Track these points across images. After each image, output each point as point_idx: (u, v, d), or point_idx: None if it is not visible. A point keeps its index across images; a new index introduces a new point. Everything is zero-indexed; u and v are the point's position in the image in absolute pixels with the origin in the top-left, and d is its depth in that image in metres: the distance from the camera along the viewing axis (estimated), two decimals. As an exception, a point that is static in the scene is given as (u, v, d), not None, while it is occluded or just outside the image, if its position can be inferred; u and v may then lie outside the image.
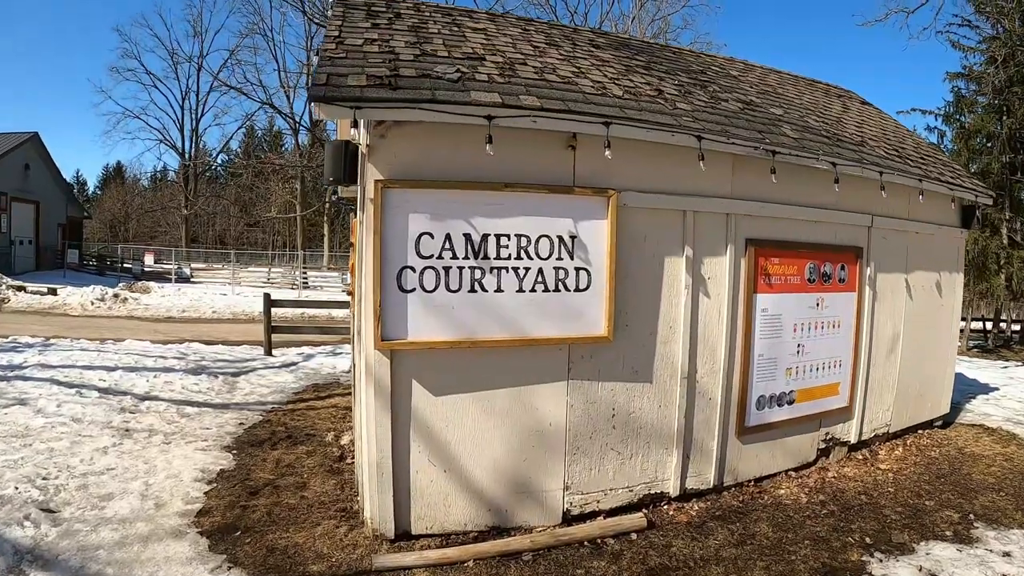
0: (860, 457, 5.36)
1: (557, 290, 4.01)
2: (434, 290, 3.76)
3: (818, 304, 4.88)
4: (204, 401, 7.10)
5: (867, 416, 5.50)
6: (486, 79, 3.92)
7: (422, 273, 3.74)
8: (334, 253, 38.15)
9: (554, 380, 4.10)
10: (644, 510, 4.36)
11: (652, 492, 4.45)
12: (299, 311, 13.89)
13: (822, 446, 5.20)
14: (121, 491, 4.41)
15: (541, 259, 3.96)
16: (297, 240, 38.14)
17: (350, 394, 7.55)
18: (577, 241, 4.03)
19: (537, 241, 3.95)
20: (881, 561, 3.78)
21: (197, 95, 42.92)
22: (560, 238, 4.00)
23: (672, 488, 4.49)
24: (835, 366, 5.09)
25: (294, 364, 8.79)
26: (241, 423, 6.35)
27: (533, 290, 3.95)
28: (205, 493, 4.53)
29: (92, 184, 68.70)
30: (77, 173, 66.90)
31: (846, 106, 6.66)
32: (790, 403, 4.85)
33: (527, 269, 3.93)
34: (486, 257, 3.85)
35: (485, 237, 3.84)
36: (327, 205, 36.77)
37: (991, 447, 5.78)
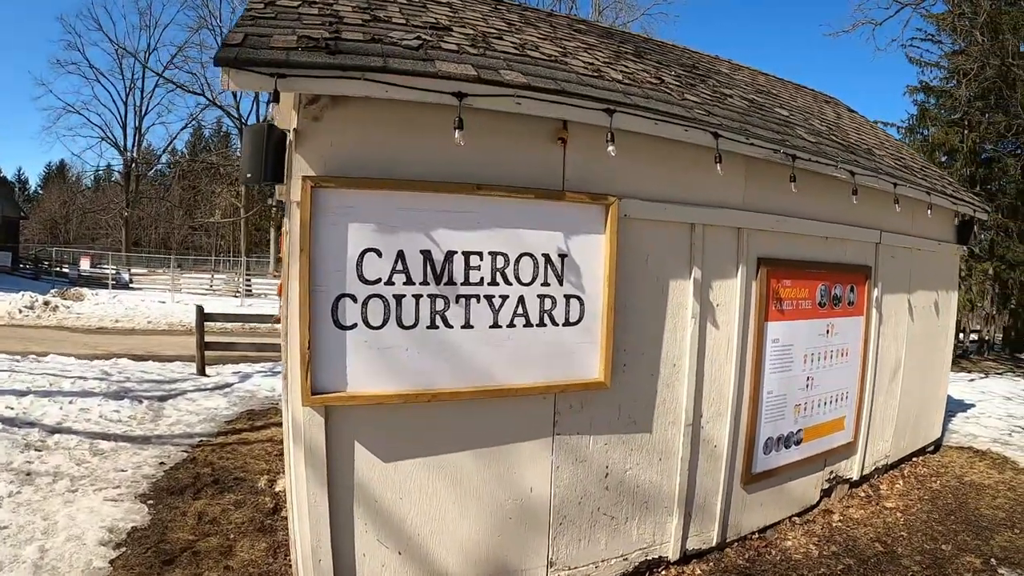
0: (863, 495, 4.61)
1: (542, 324, 3.01)
2: (382, 326, 2.70)
3: (828, 331, 4.09)
4: (123, 433, 5.72)
5: (869, 449, 4.73)
6: (455, 49, 2.86)
7: (366, 304, 2.67)
8: (280, 257, 35.54)
9: (536, 437, 3.10)
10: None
11: (649, 558, 3.53)
12: (240, 323, 12.29)
13: (825, 486, 4.41)
14: (11, 559, 3.31)
15: (522, 284, 2.95)
16: (241, 245, 35.48)
17: (289, 420, 6.42)
18: (568, 261, 3.05)
19: (517, 261, 2.93)
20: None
21: (142, 92, 39.49)
22: (546, 257, 3.00)
23: (672, 552, 3.58)
24: (842, 399, 4.31)
25: (228, 386, 7.45)
26: (162, 463, 5.05)
27: (512, 325, 2.94)
28: (111, 562, 3.39)
29: (34, 183, 63.09)
30: (19, 171, 61.11)
31: (838, 113, 5.94)
32: (797, 443, 4.03)
33: (504, 298, 2.92)
34: (451, 282, 2.81)
35: (450, 256, 2.80)
36: (273, 208, 34.53)
37: (989, 474, 5.18)
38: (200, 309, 7.93)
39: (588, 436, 3.22)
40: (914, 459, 5.46)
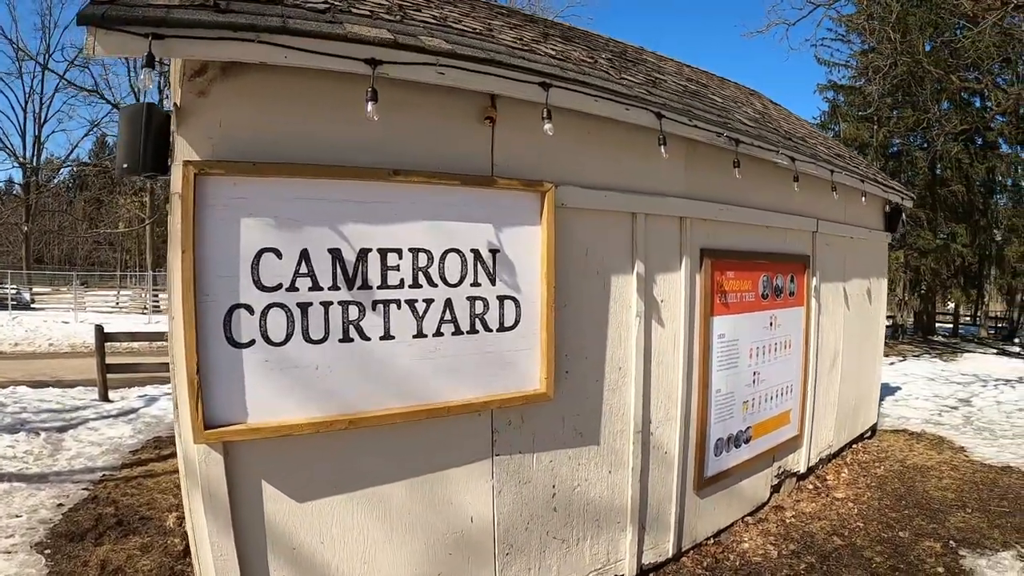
0: (811, 487, 4.50)
1: (473, 331, 2.64)
2: (285, 341, 2.24)
3: (771, 323, 3.94)
4: (17, 472, 4.91)
5: (814, 441, 4.64)
6: (367, 14, 2.44)
7: (265, 315, 2.20)
8: None
9: (473, 460, 2.72)
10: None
11: (604, 579, 3.25)
12: (148, 342, 11.09)
13: (775, 482, 4.27)
14: None
15: (449, 286, 2.57)
16: (147, 259, 32.79)
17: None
18: (500, 257, 2.69)
19: (443, 259, 2.55)
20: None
21: (41, 97, 36.07)
22: (476, 253, 2.63)
23: (628, 570, 3.28)
24: (787, 392, 4.18)
25: (133, 412, 6.59)
26: (60, 504, 4.34)
27: (439, 333, 2.55)
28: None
29: (-70, 196, 56.37)
30: (-84, 182, 54.56)
31: (764, 104, 5.92)
32: (747, 441, 3.85)
33: (429, 302, 2.52)
34: (366, 286, 2.39)
35: (364, 254, 2.37)
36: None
37: (929, 455, 5.23)
38: (100, 329, 7.02)
39: (531, 454, 2.88)
40: (855, 446, 5.46)
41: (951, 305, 21.12)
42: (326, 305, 2.29)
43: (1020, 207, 12.45)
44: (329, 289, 2.29)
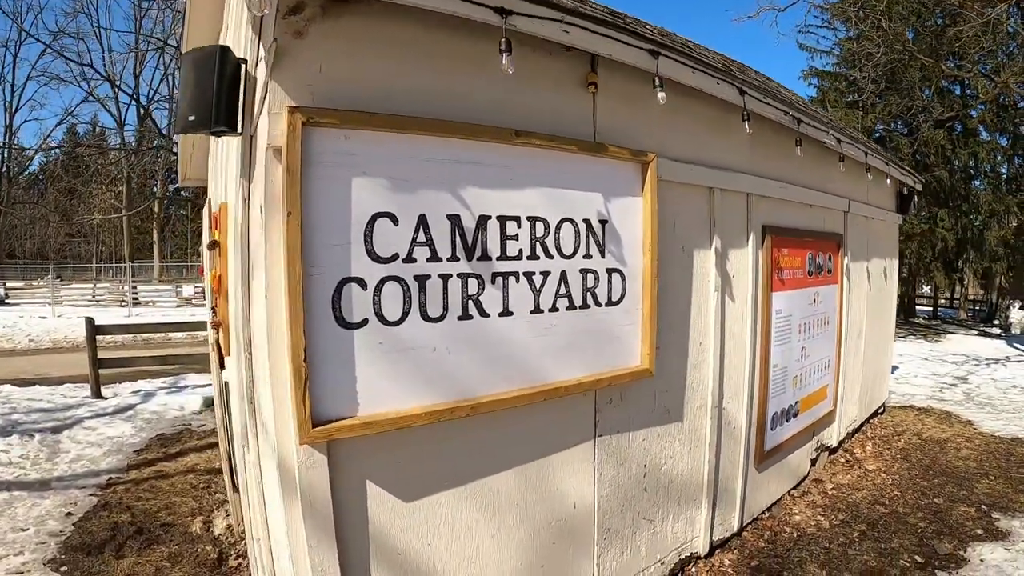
0: (843, 460, 4.34)
1: (585, 305, 2.26)
2: (401, 320, 1.79)
3: (815, 300, 3.74)
4: (15, 478, 4.16)
5: (844, 415, 4.49)
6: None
7: (379, 289, 1.74)
8: (165, 263, 29.54)
9: (578, 442, 2.35)
10: (669, 582, 2.87)
11: (682, 557, 2.93)
12: (132, 335, 9.84)
13: (813, 456, 4.08)
14: None
15: (564, 257, 2.18)
16: (124, 250, 29.86)
17: (209, 447, 4.99)
18: (608, 228, 2.31)
19: (558, 228, 2.15)
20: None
21: (12, 85, 32.17)
22: (587, 224, 2.25)
23: (702, 546, 3.01)
24: (826, 367, 4.00)
25: (130, 408, 5.77)
26: (69, 513, 3.65)
27: (554, 308, 2.16)
28: None
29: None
30: None
31: (778, 86, 5.76)
32: (795, 416, 3.65)
33: (545, 275, 2.13)
34: (486, 256, 1.96)
35: (483, 221, 1.94)
36: (156, 208, 29.37)
37: (942, 429, 5.17)
38: (91, 322, 6.10)
39: (628, 433, 2.53)
40: (872, 420, 5.36)
41: (926, 288, 21.06)
42: (445, 278, 1.85)
43: (999, 192, 12.55)
44: (448, 260, 1.85)
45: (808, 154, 3.43)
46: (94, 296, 19.37)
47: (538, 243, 2.07)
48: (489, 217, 1.93)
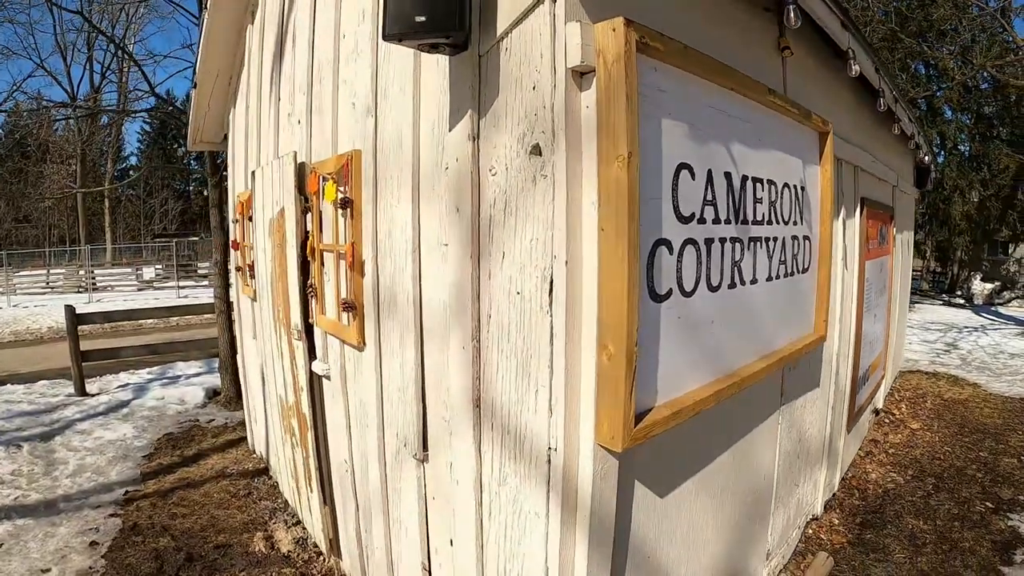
0: (888, 421, 4.50)
1: (790, 273, 2.08)
2: (693, 290, 1.51)
3: (881, 269, 3.85)
4: (14, 502, 3.34)
5: (887, 379, 4.70)
6: None
7: (681, 255, 1.45)
8: (118, 246, 26.38)
9: (770, 413, 2.19)
10: (799, 544, 2.85)
11: (807, 519, 2.91)
12: (102, 324, 8.22)
13: (871, 417, 4.23)
14: None
15: (783, 223, 1.96)
16: (80, 232, 25.93)
17: (230, 446, 4.35)
18: (804, 196, 2.14)
19: (781, 192, 1.96)
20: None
21: None
22: (795, 190, 2.05)
23: (819, 507, 3.00)
24: (882, 334, 4.17)
25: (124, 405, 4.88)
26: (93, 542, 2.95)
27: (777, 276, 1.95)
28: None
29: None
30: None
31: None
32: (866, 380, 3.74)
33: (775, 240, 1.91)
34: (744, 220, 1.70)
35: (744, 182, 1.70)
36: (113, 187, 25.85)
37: (957, 391, 5.41)
38: (71, 311, 5.06)
39: (795, 401, 2.43)
40: (893, 385, 5.52)
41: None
42: (722, 242, 1.59)
43: (963, 169, 13.55)
44: (724, 223, 1.60)
45: (884, 127, 3.47)
46: (48, 283, 16.77)
47: (771, 207, 1.86)
48: (747, 178, 1.70)
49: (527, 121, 1.26)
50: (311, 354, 2.60)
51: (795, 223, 2.04)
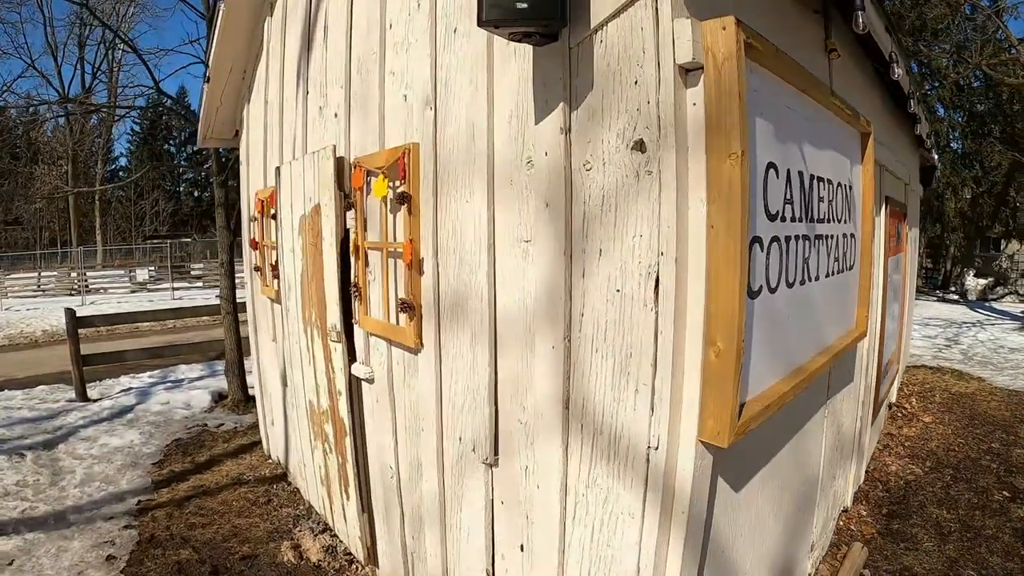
0: (900, 415, 4.63)
1: (840, 270, 2.15)
2: (776, 287, 1.55)
3: (897, 266, 3.96)
4: (22, 515, 3.22)
5: (899, 373, 4.82)
6: None
7: (769, 252, 1.47)
8: (109, 248, 26.13)
9: (818, 407, 2.24)
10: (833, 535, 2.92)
11: (840, 511, 2.99)
12: (101, 327, 8.17)
13: (886, 412, 4.39)
14: None
15: (836, 221, 2.02)
16: (71, 234, 25.47)
17: (243, 451, 4.27)
18: (851, 195, 2.20)
19: (835, 191, 2.00)
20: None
21: None
22: (845, 188, 2.11)
23: (849, 499, 3.09)
24: (897, 329, 4.28)
25: (129, 410, 4.73)
26: (110, 556, 2.85)
27: (831, 273, 2.01)
28: None
29: None
30: None
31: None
32: (886, 373, 3.86)
33: (831, 238, 1.96)
34: (811, 218, 1.75)
35: (811, 181, 1.74)
36: (107, 188, 25.54)
37: (963, 385, 5.54)
38: (72, 313, 4.90)
39: (838, 394, 2.50)
40: (902, 380, 5.56)
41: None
42: (796, 240, 1.63)
43: (956, 167, 13.81)
44: (797, 220, 1.63)
45: (904, 127, 3.57)
46: (39, 285, 16.37)
47: (829, 205, 1.91)
48: (813, 177, 1.74)
49: (628, 116, 1.27)
50: (350, 357, 2.56)
51: (844, 221, 2.09)
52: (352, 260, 2.45)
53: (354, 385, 2.57)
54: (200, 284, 17.41)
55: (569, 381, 1.44)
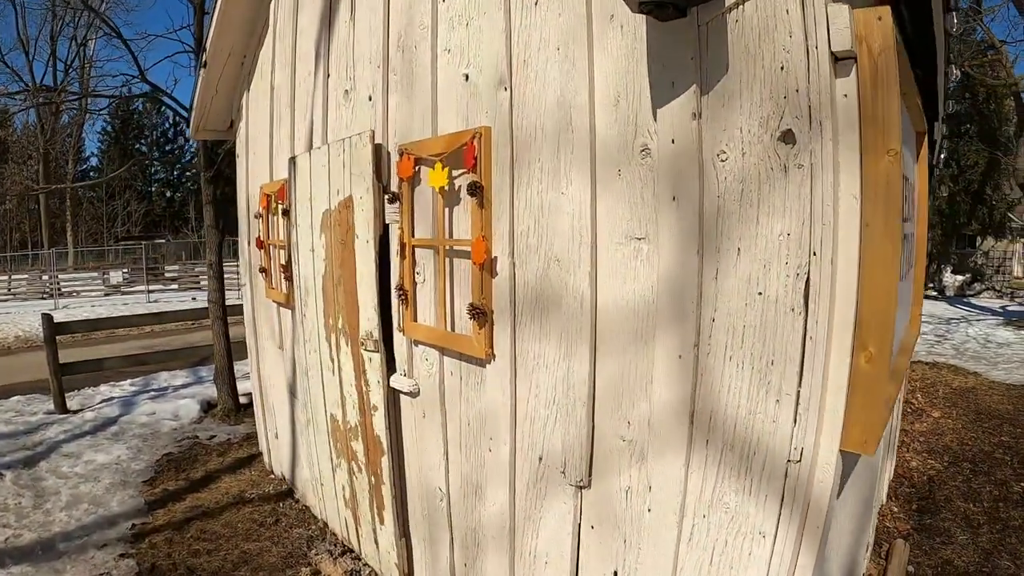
0: (910, 411, 4.74)
1: (908, 270, 2.16)
2: (901, 278, 1.53)
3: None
4: (6, 543, 2.93)
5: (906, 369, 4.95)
6: None
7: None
8: (80, 249, 25.11)
9: (882, 407, 2.28)
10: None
11: (878, 507, 3.04)
12: (79, 333, 7.46)
13: (898, 408, 4.49)
14: None
15: (905, 219, 2.04)
16: (42, 236, 24.12)
17: (240, 466, 4.01)
18: (912, 195, 2.22)
19: (911, 190, 2.01)
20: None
21: None
22: (911, 187, 2.13)
23: (884, 495, 3.14)
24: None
25: (112, 422, 4.36)
26: None
27: (903, 272, 2.02)
28: None
29: None
30: None
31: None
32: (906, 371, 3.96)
33: (907, 238, 1.97)
34: (905, 217, 1.75)
35: (906, 180, 1.73)
36: (81, 184, 24.59)
37: (962, 379, 5.68)
38: (49, 319, 4.48)
39: (888, 396, 2.51)
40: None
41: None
42: (904, 239, 1.59)
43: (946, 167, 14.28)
44: (905, 220, 1.59)
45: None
46: (10, 289, 15.39)
47: (906, 203, 1.90)
48: (905, 176, 1.71)
49: (772, 103, 1.19)
50: (389, 367, 2.40)
51: (906, 220, 2.09)
52: (394, 260, 2.28)
53: (391, 399, 2.41)
54: (175, 287, 16.59)
55: (696, 392, 1.35)
